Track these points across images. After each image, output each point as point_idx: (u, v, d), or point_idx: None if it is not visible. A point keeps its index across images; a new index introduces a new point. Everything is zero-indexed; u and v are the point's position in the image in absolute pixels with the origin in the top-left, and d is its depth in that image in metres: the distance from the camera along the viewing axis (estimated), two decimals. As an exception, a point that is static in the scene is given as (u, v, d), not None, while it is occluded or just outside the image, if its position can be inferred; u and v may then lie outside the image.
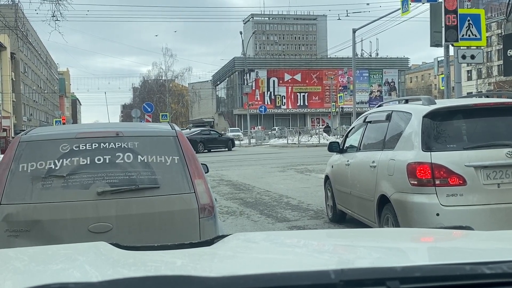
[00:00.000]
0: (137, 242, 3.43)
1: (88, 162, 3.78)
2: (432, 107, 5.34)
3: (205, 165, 4.95)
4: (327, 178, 8.10)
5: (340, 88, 64.69)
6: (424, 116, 5.25)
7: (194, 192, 3.81)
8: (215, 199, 4.15)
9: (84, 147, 3.83)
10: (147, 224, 3.78)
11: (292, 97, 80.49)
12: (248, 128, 49.11)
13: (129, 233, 3.72)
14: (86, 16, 31.44)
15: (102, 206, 3.69)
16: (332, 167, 7.75)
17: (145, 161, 3.85)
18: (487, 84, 56.47)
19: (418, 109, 5.49)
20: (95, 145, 3.85)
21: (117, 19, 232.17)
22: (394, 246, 1.80)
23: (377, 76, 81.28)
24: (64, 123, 47.65)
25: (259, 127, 63.29)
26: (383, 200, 5.59)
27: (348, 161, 6.85)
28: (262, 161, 21.56)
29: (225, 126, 77.73)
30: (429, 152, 5.04)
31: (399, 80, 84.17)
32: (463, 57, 11.27)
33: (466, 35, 11.11)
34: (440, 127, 5.28)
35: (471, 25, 11.11)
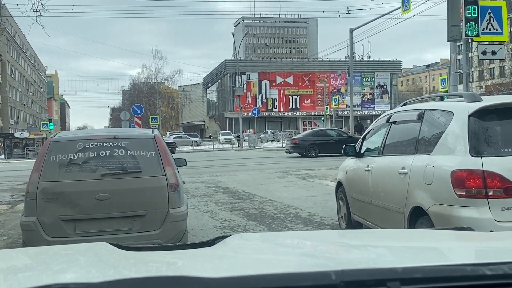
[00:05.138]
0: (125, 206, 5.37)
1: (95, 155, 5.48)
2: (479, 104, 4.56)
3: (184, 159, 7.19)
4: (339, 185, 7.33)
5: (334, 90, 64.03)
6: (471, 115, 4.49)
7: (165, 175, 5.49)
8: (183, 182, 6.12)
9: (93, 145, 5.53)
10: (133, 195, 5.44)
11: (284, 100, 79.85)
12: (240, 131, 48.11)
13: (121, 201, 5.39)
14: (71, 11, 29.93)
15: (104, 183, 5.38)
16: (347, 172, 6.99)
17: (133, 154, 5.57)
18: (483, 86, 56.03)
19: (462, 107, 4.71)
20: (99, 144, 5.54)
21: (106, 20, 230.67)
22: (395, 246, 1.80)
23: (369, 79, 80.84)
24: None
25: (250, 130, 62.34)
26: (417, 213, 4.85)
27: (368, 166, 6.11)
28: (258, 166, 20.57)
29: (216, 130, 76.89)
30: (480, 158, 4.30)
31: (392, 83, 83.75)
32: (484, 53, 10.39)
33: (486, 29, 10.20)
34: (491, 128, 4.54)
35: (492, 18, 10.18)
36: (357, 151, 6.74)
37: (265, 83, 78.70)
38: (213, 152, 38.02)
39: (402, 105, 6.41)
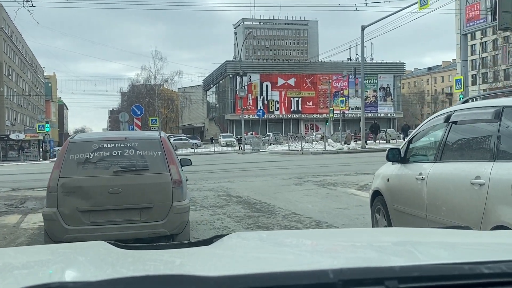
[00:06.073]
0: (135, 199, 6.10)
1: (108, 154, 6.24)
2: None
3: (189, 159, 7.79)
4: (376, 194, 6.38)
5: (341, 92, 62.64)
6: None
7: (169, 172, 6.21)
8: (186, 179, 6.85)
9: (106, 145, 6.28)
10: (141, 190, 6.15)
11: (286, 102, 78.57)
12: (242, 133, 46.67)
13: (130, 195, 6.10)
14: (66, 1, 27.81)
15: (116, 179, 6.13)
16: (388, 180, 6.07)
17: (141, 154, 6.31)
18: (486, 89, 54.75)
19: None
20: (112, 144, 6.30)
21: (104, 23, 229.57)
22: (393, 245, 1.77)
23: (372, 81, 79.50)
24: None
25: (252, 132, 60.92)
26: None
27: (421, 174, 5.22)
28: (268, 170, 19.04)
29: (216, 132, 75.55)
30: None
31: (395, 85, 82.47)
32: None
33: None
34: None
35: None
36: (402, 155, 5.86)
37: (267, 85, 77.45)
38: (216, 155, 36.54)
39: (463, 102, 5.44)
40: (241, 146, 42.82)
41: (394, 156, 5.91)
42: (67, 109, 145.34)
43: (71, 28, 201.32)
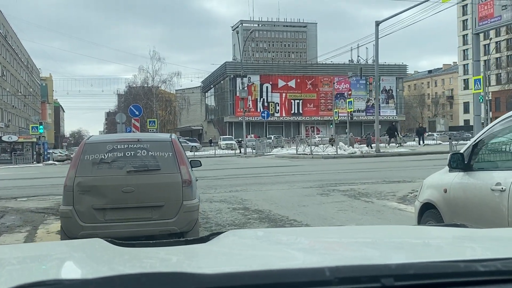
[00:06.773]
0: (147, 198, 6.30)
1: (122, 155, 6.46)
2: None
3: (199, 160, 8.18)
4: (427, 207, 5.53)
5: (349, 93, 60.92)
6: None
7: (180, 172, 6.43)
8: (196, 179, 7.12)
9: (120, 147, 6.53)
10: (153, 189, 6.34)
11: (286, 104, 76.96)
12: (244, 136, 45.03)
13: (143, 194, 6.28)
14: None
15: (129, 178, 6.32)
16: (446, 191, 5.26)
17: (153, 155, 6.53)
18: (488, 92, 53.16)
19: None
20: (125, 145, 6.54)
21: (102, 25, 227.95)
22: (389, 243, 1.77)
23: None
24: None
25: (252, 135, 59.34)
26: None
27: (498, 184, 4.52)
28: (282, 177, 17.17)
29: (215, 135, 73.82)
30: None
31: (398, 88, 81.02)
32: None
33: None
34: None
35: None
36: (466, 162, 5.07)
37: (267, 87, 75.90)
38: (217, 158, 34.77)
39: None
40: (243, 149, 41.08)
41: (458, 162, 5.04)
42: (64, 111, 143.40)
43: (68, 29, 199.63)
